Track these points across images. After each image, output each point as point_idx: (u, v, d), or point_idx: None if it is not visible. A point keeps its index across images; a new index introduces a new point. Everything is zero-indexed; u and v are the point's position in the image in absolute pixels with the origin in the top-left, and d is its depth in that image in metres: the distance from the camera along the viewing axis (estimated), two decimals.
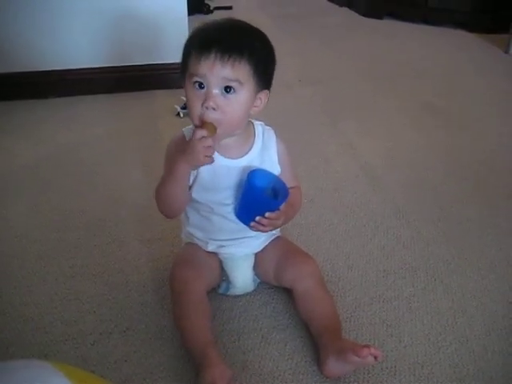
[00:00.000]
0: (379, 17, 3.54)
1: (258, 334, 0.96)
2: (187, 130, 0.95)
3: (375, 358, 0.80)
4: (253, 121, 0.97)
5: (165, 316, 0.99)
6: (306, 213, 1.32)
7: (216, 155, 0.90)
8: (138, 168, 1.53)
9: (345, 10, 3.90)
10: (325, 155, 1.65)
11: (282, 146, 1.00)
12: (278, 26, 3.38)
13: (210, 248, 1.00)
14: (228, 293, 1.03)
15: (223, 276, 1.02)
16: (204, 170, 0.92)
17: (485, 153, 1.70)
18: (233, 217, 0.95)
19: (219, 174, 0.93)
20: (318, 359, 0.88)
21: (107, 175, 1.49)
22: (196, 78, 0.85)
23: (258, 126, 0.98)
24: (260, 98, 0.90)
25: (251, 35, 0.89)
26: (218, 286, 1.04)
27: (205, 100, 0.84)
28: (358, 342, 0.94)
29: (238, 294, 1.04)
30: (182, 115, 1.87)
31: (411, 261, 1.17)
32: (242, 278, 1.01)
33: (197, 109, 0.86)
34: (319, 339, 0.89)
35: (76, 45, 2.01)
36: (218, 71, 0.83)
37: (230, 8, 3.82)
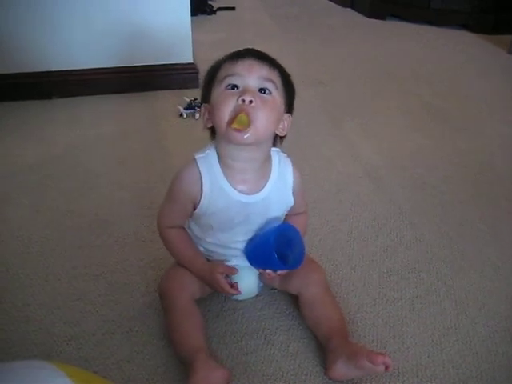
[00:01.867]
0: (382, 17, 3.54)
1: (261, 335, 0.96)
2: (200, 158, 0.89)
3: (386, 367, 0.80)
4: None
5: None
6: (309, 214, 1.31)
7: (231, 190, 0.89)
8: (141, 168, 1.53)
9: (348, 10, 3.90)
10: (327, 156, 1.65)
11: (298, 175, 0.97)
12: (281, 27, 3.38)
13: (214, 258, 0.99)
14: (232, 297, 1.03)
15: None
16: (216, 205, 0.89)
17: (487, 153, 1.70)
18: (239, 245, 0.95)
19: (233, 210, 0.90)
20: (325, 361, 0.88)
21: (110, 176, 1.50)
22: (230, 79, 0.84)
23: (275, 155, 0.95)
24: (285, 120, 0.91)
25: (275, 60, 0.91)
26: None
27: (241, 94, 0.82)
28: (361, 343, 0.94)
29: (241, 300, 1.03)
30: (184, 115, 1.87)
31: (414, 262, 1.17)
32: (247, 287, 0.98)
33: (229, 107, 0.82)
34: (328, 343, 0.88)
35: (79, 45, 2.01)
36: (256, 70, 0.84)
37: (232, 9, 3.83)
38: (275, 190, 0.92)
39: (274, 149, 0.95)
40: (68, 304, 1.02)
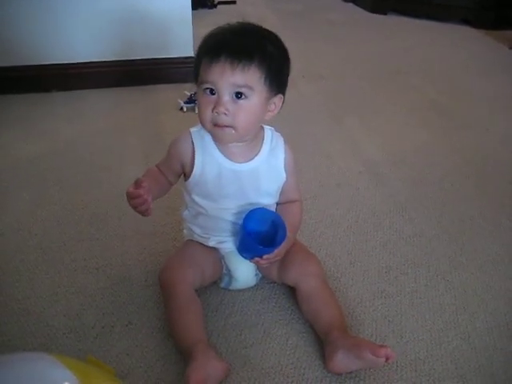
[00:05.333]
0: (384, 12, 3.53)
1: (260, 329, 0.96)
2: (194, 131, 0.95)
3: (387, 359, 0.81)
4: (263, 125, 0.98)
5: None
6: (309, 209, 1.32)
7: (223, 158, 0.93)
8: (141, 162, 1.52)
9: (350, 5, 3.89)
10: (328, 151, 1.65)
11: (290, 153, 1.00)
12: (283, 22, 3.37)
13: (211, 244, 1.00)
14: (230, 287, 1.03)
15: (225, 270, 1.02)
16: (209, 173, 0.93)
17: (488, 150, 1.69)
18: (233, 218, 0.96)
19: (225, 178, 0.94)
20: (324, 353, 0.88)
21: (110, 169, 1.49)
22: (206, 85, 0.86)
23: (268, 131, 0.98)
24: (274, 103, 0.91)
25: (263, 39, 0.88)
26: (220, 279, 1.04)
27: (215, 105, 0.85)
28: (361, 337, 0.94)
29: (239, 288, 1.04)
30: (185, 109, 1.87)
31: (413, 257, 1.17)
32: (244, 272, 1.01)
33: (207, 114, 0.87)
34: (327, 336, 0.89)
35: (79, 38, 2.01)
36: (227, 77, 0.83)
37: (234, 2, 3.81)
38: (266, 162, 0.96)
39: (267, 127, 0.99)
40: (68, 297, 1.02)
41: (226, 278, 1.03)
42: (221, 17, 3.70)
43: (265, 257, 0.92)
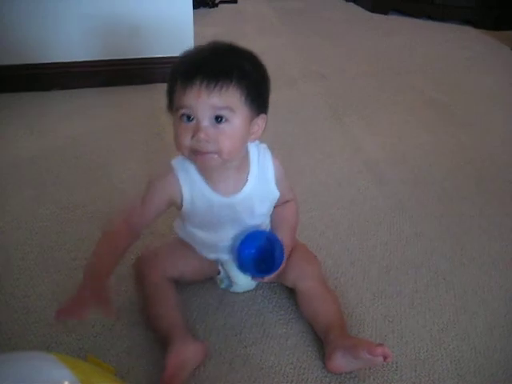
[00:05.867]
0: (385, 12, 3.53)
1: (260, 329, 0.96)
2: (177, 164, 0.88)
3: (385, 358, 0.81)
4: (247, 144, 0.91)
5: None
6: (309, 208, 1.32)
7: (212, 193, 0.88)
8: (141, 161, 1.53)
9: (350, 5, 3.89)
10: (328, 150, 1.64)
11: (278, 165, 0.94)
12: (283, 20, 3.37)
13: (208, 257, 0.99)
14: (230, 290, 1.03)
15: (223, 274, 1.01)
16: (200, 207, 0.89)
17: (489, 149, 1.69)
18: (229, 242, 0.95)
19: (217, 210, 0.90)
20: (324, 353, 0.88)
21: (110, 168, 1.49)
22: (183, 111, 0.79)
23: (253, 149, 0.92)
24: (257, 124, 0.85)
25: (240, 57, 0.83)
26: (220, 282, 1.03)
27: (195, 132, 0.78)
28: (360, 337, 0.94)
29: (240, 291, 1.04)
30: None
31: (414, 257, 1.17)
32: (243, 278, 0.99)
33: (186, 141, 0.80)
34: (326, 336, 0.89)
35: (79, 37, 2.01)
36: (205, 100, 0.77)
37: (234, 2, 3.81)
38: (257, 185, 0.91)
39: (251, 143, 0.91)
40: (68, 296, 1.02)
41: (225, 281, 1.02)
42: (221, 16, 3.72)
43: (266, 278, 0.92)
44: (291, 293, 1.02)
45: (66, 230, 1.22)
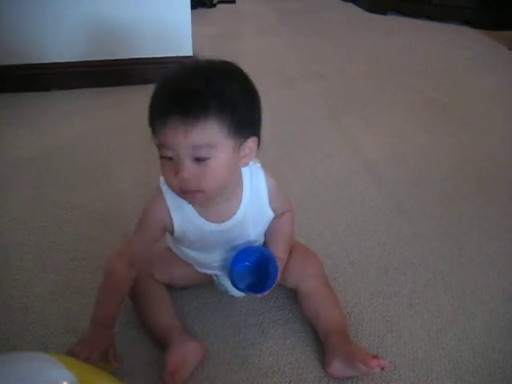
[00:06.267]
0: (383, 12, 3.53)
1: (259, 329, 0.96)
2: (168, 192, 0.84)
3: (382, 368, 0.81)
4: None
5: None
6: (308, 208, 1.32)
7: (203, 221, 0.85)
8: (140, 161, 1.53)
9: (349, 5, 3.89)
10: (327, 150, 1.64)
11: (272, 183, 0.89)
12: (282, 21, 3.37)
13: (203, 272, 0.99)
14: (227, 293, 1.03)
15: (219, 285, 1.01)
16: (191, 235, 0.87)
17: (488, 149, 1.69)
18: (222, 261, 0.93)
19: (209, 237, 0.88)
20: (324, 357, 0.88)
21: (109, 168, 1.49)
22: (163, 151, 0.75)
23: (246, 172, 0.87)
24: (248, 147, 0.79)
25: (223, 81, 0.74)
26: (217, 285, 1.03)
27: (177, 171, 0.74)
28: (359, 338, 0.94)
29: (237, 297, 1.02)
30: None
31: (412, 257, 1.17)
32: (236, 290, 0.97)
33: (173, 180, 0.76)
34: (326, 339, 0.89)
35: (79, 37, 2.01)
36: (182, 141, 0.71)
37: (233, 2, 3.81)
38: (250, 209, 0.88)
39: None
40: (66, 296, 1.02)
41: (221, 287, 1.01)
42: (220, 16, 3.72)
43: (259, 296, 0.92)
44: (290, 293, 1.03)
45: (65, 230, 1.22)
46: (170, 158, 0.75)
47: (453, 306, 1.03)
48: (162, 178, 0.84)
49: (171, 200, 0.84)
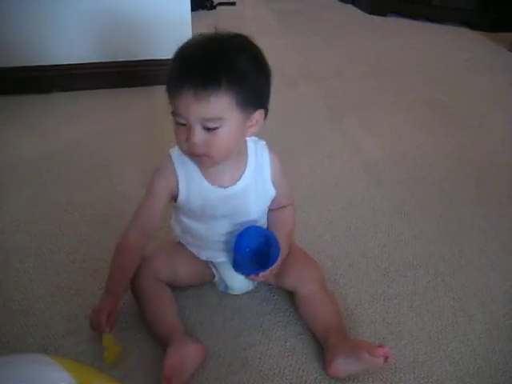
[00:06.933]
0: (383, 14, 3.54)
1: (259, 331, 0.96)
2: (176, 156, 0.91)
3: (385, 359, 0.81)
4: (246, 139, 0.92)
5: None
6: (308, 209, 1.32)
7: (208, 185, 0.90)
8: (141, 163, 1.52)
9: (349, 6, 3.89)
10: (328, 151, 1.65)
11: (276, 162, 0.95)
12: (282, 22, 3.37)
13: (203, 257, 1.00)
14: (227, 291, 1.03)
15: (218, 279, 1.02)
16: (195, 200, 0.91)
17: (488, 150, 1.69)
18: (223, 238, 0.95)
19: (211, 203, 0.91)
20: (324, 358, 0.88)
21: (110, 170, 1.49)
22: (176, 117, 0.81)
23: (251, 144, 0.93)
24: (255, 118, 0.85)
25: (235, 53, 0.79)
26: (217, 285, 1.04)
27: (188, 136, 0.81)
28: (359, 339, 0.94)
29: (237, 293, 1.03)
30: None
31: (412, 259, 1.17)
32: (239, 281, 1.00)
33: (182, 143, 0.83)
34: (326, 341, 0.89)
35: (79, 39, 2.01)
36: (193, 111, 0.78)
37: (233, 4, 3.82)
38: (253, 180, 0.92)
39: (249, 139, 0.92)
40: (66, 298, 1.02)
41: (221, 284, 1.03)
42: (220, 18, 3.72)
43: (260, 274, 0.92)
44: (290, 295, 1.02)
45: (65, 232, 1.22)
46: (183, 124, 0.81)
47: (453, 308, 1.03)
48: (171, 148, 0.91)
49: (180, 166, 0.90)
